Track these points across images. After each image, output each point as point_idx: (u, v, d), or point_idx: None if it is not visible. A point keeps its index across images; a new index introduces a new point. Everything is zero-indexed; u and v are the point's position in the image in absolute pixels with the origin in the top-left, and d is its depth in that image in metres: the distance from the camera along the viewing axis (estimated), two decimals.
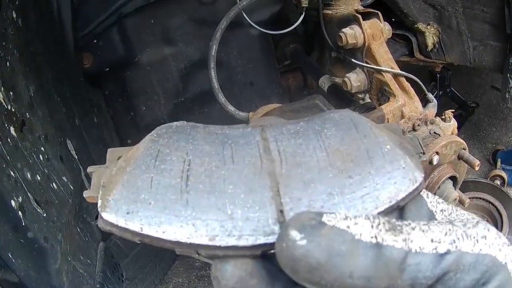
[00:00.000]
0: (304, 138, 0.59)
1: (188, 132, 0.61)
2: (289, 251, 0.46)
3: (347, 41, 2.06)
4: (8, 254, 1.41)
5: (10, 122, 1.56)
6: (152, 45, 2.37)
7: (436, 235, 0.49)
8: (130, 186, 0.56)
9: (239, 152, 0.59)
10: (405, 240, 0.47)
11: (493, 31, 2.68)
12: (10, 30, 1.65)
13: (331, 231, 0.46)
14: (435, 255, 0.47)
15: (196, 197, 0.54)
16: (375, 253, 0.46)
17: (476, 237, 0.50)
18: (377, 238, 0.47)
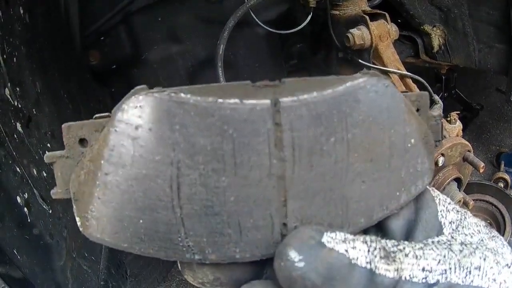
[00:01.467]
0: (327, 125, 0.50)
1: (173, 113, 0.49)
2: (287, 271, 0.47)
3: (354, 42, 2.06)
4: (13, 250, 1.41)
5: (17, 118, 1.56)
6: (159, 43, 2.37)
7: (429, 262, 0.50)
8: (109, 201, 0.51)
9: (243, 148, 0.49)
10: (397, 269, 0.48)
11: (498, 34, 2.67)
12: (17, 26, 1.65)
13: (329, 254, 0.47)
14: (425, 285, 0.48)
15: (191, 218, 0.51)
16: (368, 279, 0.48)
17: (469, 268, 0.50)
18: (371, 264, 0.48)
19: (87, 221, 0.53)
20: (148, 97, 0.50)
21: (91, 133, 0.54)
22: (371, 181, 0.54)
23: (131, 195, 0.51)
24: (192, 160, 0.49)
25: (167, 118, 0.48)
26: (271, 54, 2.56)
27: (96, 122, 0.54)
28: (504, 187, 3.52)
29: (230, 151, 0.49)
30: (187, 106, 0.48)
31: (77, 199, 0.54)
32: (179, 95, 0.49)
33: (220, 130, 0.48)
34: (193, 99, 0.48)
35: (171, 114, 0.48)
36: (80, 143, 0.55)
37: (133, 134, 0.49)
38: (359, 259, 0.48)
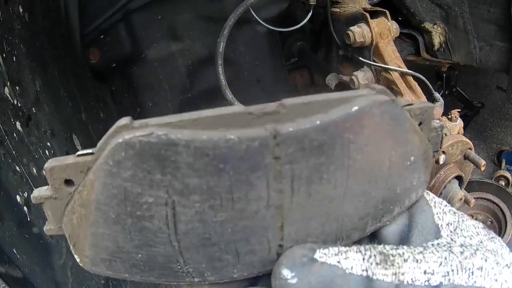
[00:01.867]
0: (328, 154, 0.49)
1: (163, 156, 0.45)
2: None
3: (355, 40, 2.05)
4: (12, 249, 1.41)
5: (16, 117, 1.56)
6: (159, 41, 2.37)
7: (430, 265, 0.50)
8: (104, 242, 0.51)
9: (240, 184, 0.47)
10: (396, 273, 0.49)
11: (499, 32, 2.67)
12: (16, 25, 1.64)
13: (321, 268, 0.48)
14: (427, 287, 0.48)
15: (189, 249, 0.51)
16: (366, 286, 0.48)
17: (471, 269, 0.50)
18: (367, 271, 0.48)
19: (86, 258, 0.53)
20: (133, 141, 0.45)
21: (76, 174, 0.51)
22: (367, 199, 0.54)
23: (127, 235, 0.50)
24: (187, 200, 0.47)
25: (157, 162, 0.46)
26: (271, 52, 2.56)
27: (80, 163, 0.50)
28: (505, 185, 3.53)
29: (227, 188, 0.47)
30: (179, 148, 0.45)
31: (73, 241, 0.54)
32: (169, 136, 0.45)
33: (216, 169, 0.46)
34: (185, 140, 0.45)
35: (161, 157, 0.45)
36: (66, 184, 0.51)
37: (121, 180, 0.47)
38: (354, 268, 0.48)
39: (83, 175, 0.50)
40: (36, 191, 0.53)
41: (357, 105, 0.49)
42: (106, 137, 0.48)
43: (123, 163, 0.46)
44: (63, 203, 0.52)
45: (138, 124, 0.47)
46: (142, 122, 0.48)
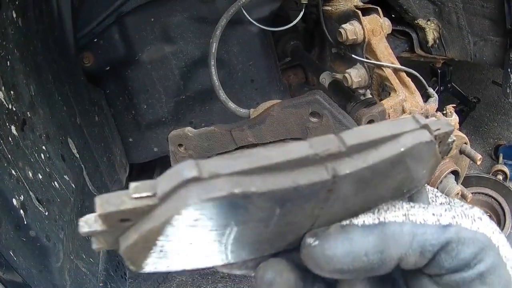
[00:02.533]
0: (369, 184, 0.52)
1: (236, 206, 0.45)
2: (309, 254, 0.52)
3: (347, 37, 2.06)
4: (9, 252, 1.41)
5: (11, 121, 1.56)
6: (152, 44, 2.37)
7: (437, 211, 0.53)
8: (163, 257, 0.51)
9: (294, 211, 0.50)
10: (405, 215, 0.52)
11: (493, 26, 2.68)
12: (10, 30, 1.65)
13: (336, 228, 0.52)
14: (439, 226, 0.51)
15: (235, 251, 0.54)
16: (380, 229, 0.51)
17: (473, 217, 0.53)
18: (379, 218, 0.52)
19: (140, 268, 0.52)
20: (206, 201, 0.44)
21: (134, 215, 0.47)
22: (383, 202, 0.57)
23: (185, 257, 0.53)
24: (247, 227, 0.49)
25: (228, 210, 0.46)
26: (265, 52, 2.56)
27: (138, 208, 0.46)
28: (503, 179, 3.54)
29: (281, 215, 0.49)
30: (252, 198, 0.45)
31: (130, 259, 0.51)
32: (245, 191, 0.44)
33: (279, 205, 0.48)
34: (259, 192, 0.45)
35: (233, 206, 0.45)
36: (122, 221, 0.48)
37: (190, 225, 0.46)
38: (366, 220, 0.52)
39: (142, 215, 0.47)
40: (85, 226, 0.48)
41: (404, 147, 0.52)
42: (171, 186, 0.45)
43: (194, 217, 0.45)
44: (117, 233, 0.50)
45: (208, 175, 0.44)
46: (212, 172, 0.44)
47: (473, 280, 0.51)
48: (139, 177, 3.14)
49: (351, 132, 0.51)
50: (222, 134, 1.83)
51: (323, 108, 1.71)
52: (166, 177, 0.45)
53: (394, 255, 0.51)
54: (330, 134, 0.50)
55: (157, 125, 2.54)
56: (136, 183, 0.47)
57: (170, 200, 0.45)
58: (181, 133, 1.89)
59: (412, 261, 0.51)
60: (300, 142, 0.48)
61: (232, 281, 3.16)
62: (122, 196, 0.46)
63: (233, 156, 0.46)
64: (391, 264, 0.51)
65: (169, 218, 0.45)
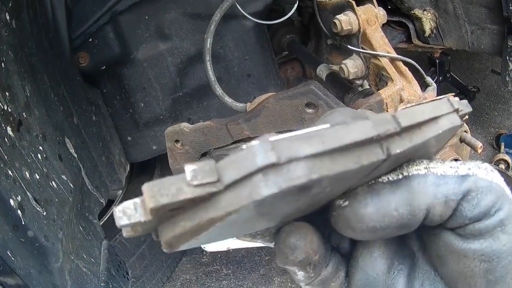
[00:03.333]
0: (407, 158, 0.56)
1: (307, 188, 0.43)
2: (340, 215, 0.53)
3: (341, 28, 2.05)
4: (7, 252, 1.41)
5: (7, 122, 1.56)
6: (147, 41, 2.38)
7: (453, 164, 0.54)
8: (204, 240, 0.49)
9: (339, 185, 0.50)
10: (427, 168, 0.53)
11: (489, 14, 2.67)
12: (3, 32, 1.65)
13: (363, 188, 0.53)
14: (458, 177, 0.53)
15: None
16: (406, 183, 0.52)
17: (487, 169, 0.54)
18: (403, 173, 0.53)
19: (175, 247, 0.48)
20: (295, 187, 0.41)
21: (190, 204, 0.42)
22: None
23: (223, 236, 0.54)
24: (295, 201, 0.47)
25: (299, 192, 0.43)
26: (260, 46, 2.56)
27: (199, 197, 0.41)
28: (505, 168, 3.53)
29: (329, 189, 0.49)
30: (322, 182, 0.43)
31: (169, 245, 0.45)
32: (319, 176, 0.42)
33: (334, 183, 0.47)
34: (329, 176, 0.43)
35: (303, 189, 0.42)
36: (173, 210, 0.42)
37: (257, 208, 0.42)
38: (391, 177, 0.53)
39: (199, 202, 0.42)
40: (124, 218, 0.41)
41: (441, 129, 0.54)
42: (243, 173, 0.40)
43: (267, 201, 0.41)
44: (157, 222, 0.44)
45: (284, 160, 0.40)
46: (288, 157, 0.40)
47: (495, 228, 0.53)
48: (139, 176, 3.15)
49: (404, 114, 0.51)
50: (218, 128, 1.83)
51: (318, 99, 1.70)
52: (234, 162, 0.41)
53: (422, 205, 0.52)
54: (387, 114, 0.50)
55: (155, 123, 2.54)
56: (192, 166, 0.41)
57: (241, 188, 0.41)
58: (177, 129, 1.88)
59: (438, 212, 0.52)
60: (363, 121, 0.47)
61: (236, 278, 3.16)
62: (179, 183, 0.41)
63: (306, 136, 0.43)
64: (420, 216, 0.52)
65: (239, 208, 0.41)
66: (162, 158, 2.61)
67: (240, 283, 3.14)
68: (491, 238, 0.53)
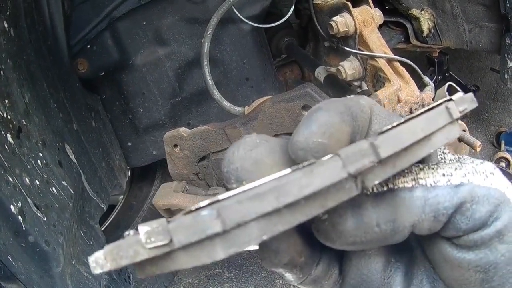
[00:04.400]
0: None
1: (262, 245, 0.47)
2: (319, 229, 0.51)
3: (338, 29, 2.06)
4: (8, 257, 1.42)
5: (7, 129, 1.57)
6: (145, 47, 2.38)
7: (447, 170, 0.51)
8: None
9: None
10: (415, 179, 0.50)
11: (487, 12, 2.67)
12: (2, 40, 1.66)
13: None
14: (450, 187, 0.50)
15: None
16: (390, 197, 0.49)
17: (485, 172, 0.52)
18: (388, 186, 0.50)
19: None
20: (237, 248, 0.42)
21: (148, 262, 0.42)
22: None
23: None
24: None
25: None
26: (258, 50, 2.56)
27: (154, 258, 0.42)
28: (506, 166, 3.52)
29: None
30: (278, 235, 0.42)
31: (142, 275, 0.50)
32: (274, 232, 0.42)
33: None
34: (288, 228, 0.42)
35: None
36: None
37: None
38: (375, 188, 0.50)
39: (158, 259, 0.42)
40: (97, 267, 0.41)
41: (433, 148, 0.50)
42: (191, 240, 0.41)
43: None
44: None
45: (230, 226, 0.41)
46: (235, 222, 0.41)
47: (492, 239, 0.50)
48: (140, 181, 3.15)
49: (387, 140, 0.46)
50: (216, 132, 1.84)
51: (314, 101, 1.71)
52: (184, 226, 0.41)
53: (406, 223, 0.49)
54: (364, 143, 0.45)
55: (154, 128, 2.55)
56: (146, 227, 0.41)
57: (192, 250, 0.42)
58: (176, 133, 1.89)
59: (426, 226, 0.50)
60: (331, 162, 0.44)
61: (239, 281, 3.16)
62: (135, 246, 0.41)
63: (260, 190, 0.41)
64: (405, 232, 0.50)
65: (193, 265, 0.42)
66: (163, 162, 2.62)
67: (243, 286, 3.14)
68: (487, 249, 0.51)
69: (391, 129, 0.47)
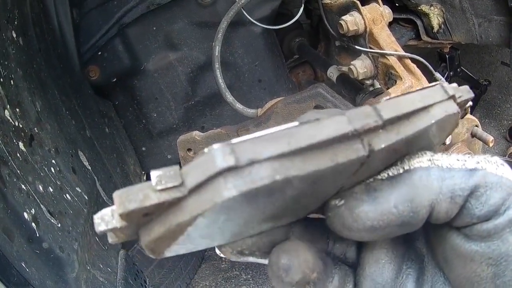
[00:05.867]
0: (398, 153, 0.53)
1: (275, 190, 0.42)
2: (336, 216, 0.51)
3: (348, 28, 2.06)
4: (22, 264, 1.42)
5: (19, 137, 1.58)
6: (156, 52, 2.39)
7: (460, 157, 0.52)
8: (186, 244, 0.49)
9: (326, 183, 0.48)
10: (430, 160, 0.51)
11: (496, 6, 2.67)
12: (11, 50, 1.67)
13: (361, 187, 0.51)
14: (465, 170, 0.50)
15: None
16: (407, 177, 0.50)
17: (497, 163, 0.52)
18: (404, 168, 0.51)
19: (162, 254, 0.49)
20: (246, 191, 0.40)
21: (158, 209, 0.43)
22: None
23: (209, 239, 0.51)
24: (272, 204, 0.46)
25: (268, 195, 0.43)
26: (270, 51, 2.57)
27: (165, 202, 0.42)
28: None
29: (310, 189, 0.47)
30: (293, 182, 0.42)
31: (153, 250, 0.48)
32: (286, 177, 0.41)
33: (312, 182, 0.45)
34: (299, 176, 0.42)
35: (272, 191, 0.43)
36: (144, 216, 0.44)
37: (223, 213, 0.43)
38: (391, 172, 0.51)
39: (168, 207, 0.44)
40: (102, 224, 0.44)
41: (434, 119, 0.51)
42: (204, 178, 0.41)
43: (232, 206, 0.42)
44: (137, 226, 0.46)
45: (245, 162, 0.41)
46: (250, 158, 0.41)
47: (504, 229, 0.50)
48: None
49: (387, 105, 0.49)
50: (229, 135, 1.84)
51: (326, 101, 1.71)
52: (196, 166, 0.42)
53: (425, 201, 0.49)
54: (367, 107, 0.47)
55: (168, 132, 2.55)
56: (158, 172, 0.42)
57: (203, 191, 0.41)
58: (189, 137, 1.90)
59: (443, 208, 0.50)
60: (337, 117, 0.45)
61: (256, 283, 3.16)
62: (145, 190, 0.42)
63: (271, 136, 0.42)
64: (423, 213, 0.50)
65: (203, 212, 0.41)
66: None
67: (259, 287, 3.14)
68: (499, 239, 0.50)
69: (391, 99, 0.49)
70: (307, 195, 0.48)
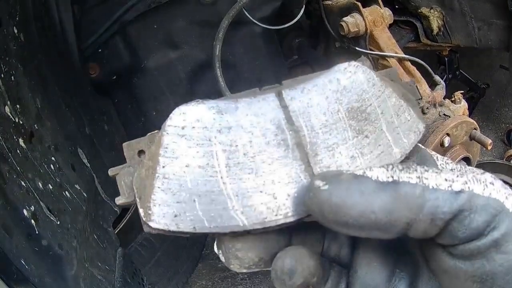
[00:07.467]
0: (323, 104, 0.58)
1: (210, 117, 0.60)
2: (315, 198, 0.51)
3: (349, 30, 2.06)
4: (21, 261, 1.42)
5: (19, 134, 1.58)
6: (157, 50, 2.39)
7: (449, 176, 0.52)
8: (167, 188, 0.57)
9: (268, 132, 0.58)
10: (419, 177, 0.51)
11: (495, 10, 2.68)
12: (12, 46, 1.66)
13: (350, 176, 0.52)
14: (451, 192, 0.50)
15: (236, 183, 0.57)
16: (393, 189, 0.50)
17: (485, 182, 0.52)
18: (393, 177, 0.51)
19: (149, 209, 0.58)
20: (188, 107, 0.62)
21: (147, 145, 0.65)
22: (372, 134, 0.60)
23: (185, 180, 0.57)
24: (230, 146, 0.57)
25: (204, 120, 0.59)
26: (270, 51, 2.57)
27: (150, 136, 0.66)
28: None
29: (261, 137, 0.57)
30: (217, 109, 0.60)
31: (140, 196, 0.61)
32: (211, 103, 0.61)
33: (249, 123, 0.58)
34: (216, 104, 0.60)
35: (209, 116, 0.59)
36: (139, 154, 0.65)
37: (180, 133, 0.59)
38: (379, 176, 0.51)
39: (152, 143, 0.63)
40: (113, 168, 0.65)
41: (328, 70, 0.61)
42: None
43: (186, 127, 0.59)
44: (135, 169, 0.63)
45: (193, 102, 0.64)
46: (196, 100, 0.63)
47: (488, 249, 0.50)
48: None
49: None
50: None
51: None
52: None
53: (403, 218, 0.50)
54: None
55: None
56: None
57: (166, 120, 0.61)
58: None
59: (421, 228, 0.50)
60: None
61: (252, 283, 3.15)
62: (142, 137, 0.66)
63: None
64: (398, 228, 0.51)
65: (164, 126, 0.60)
66: None
67: (256, 287, 3.14)
68: (484, 259, 0.51)
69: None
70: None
